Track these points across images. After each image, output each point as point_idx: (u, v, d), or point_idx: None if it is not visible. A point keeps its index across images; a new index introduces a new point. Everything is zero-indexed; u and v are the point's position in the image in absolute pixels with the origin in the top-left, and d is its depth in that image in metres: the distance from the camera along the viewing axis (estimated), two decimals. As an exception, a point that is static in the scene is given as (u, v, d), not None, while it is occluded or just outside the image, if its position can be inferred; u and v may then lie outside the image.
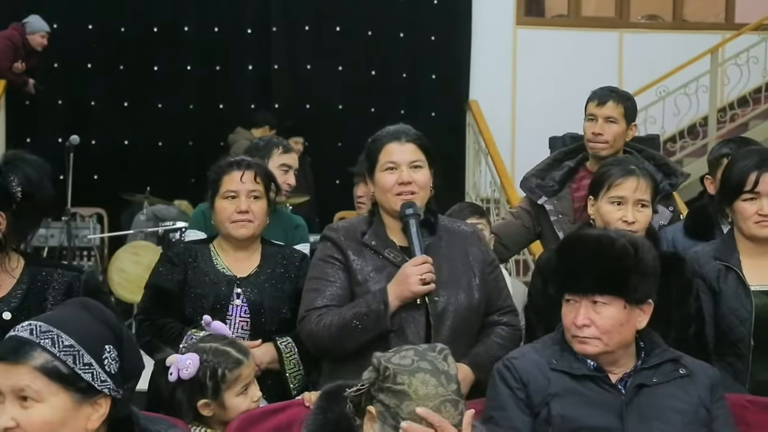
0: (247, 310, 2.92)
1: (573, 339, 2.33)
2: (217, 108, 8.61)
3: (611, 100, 3.59)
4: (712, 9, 9.84)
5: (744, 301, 2.76)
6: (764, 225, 2.78)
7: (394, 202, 2.67)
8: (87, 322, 1.74)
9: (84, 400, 1.70)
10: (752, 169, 2.79)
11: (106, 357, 1.72)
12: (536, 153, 5.92)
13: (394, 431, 1.87)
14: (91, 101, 8.58)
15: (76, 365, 1.68)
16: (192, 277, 2.94)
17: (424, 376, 1.90)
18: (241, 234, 2.96)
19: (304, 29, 8.81)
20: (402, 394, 1.87)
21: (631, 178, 2.84)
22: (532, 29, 9.20)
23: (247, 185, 2.96)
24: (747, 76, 8.53)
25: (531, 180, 3.67)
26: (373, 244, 2.69)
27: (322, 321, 2.60)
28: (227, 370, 2.42)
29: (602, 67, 8.76)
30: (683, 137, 8.59)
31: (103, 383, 1.70)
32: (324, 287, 2.66)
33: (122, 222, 7.79)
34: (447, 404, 1.89)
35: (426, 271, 2.58)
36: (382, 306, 2.57)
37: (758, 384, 2.74)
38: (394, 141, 2.71)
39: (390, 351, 1.97)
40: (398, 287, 2.58)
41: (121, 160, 8.45)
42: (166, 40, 8.60)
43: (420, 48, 8.90)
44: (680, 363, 2.36)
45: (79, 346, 1.69)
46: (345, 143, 8.29)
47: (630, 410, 2.27)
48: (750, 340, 2.74)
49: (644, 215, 2.84)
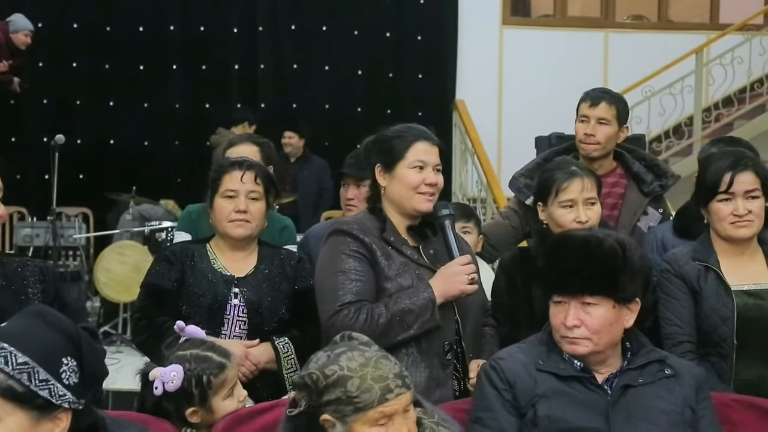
0: (245, 309, 2.91)
1: (562, 340, 2.33)
2: (203, 107, 8.59)
3: (604, 101, 3.59)
4: (697, 9, 9.89)
5: (725, 301, 2.78)
6: (740, 225, 2.80)
7: (417, 201, 2.69)
8: (42, 333, 1.70)
9: (43, 417, 1.66)
10: (726, 169, 2.81)
11: (64, 370, 1.68)
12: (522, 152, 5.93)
13: (356, 413, 1.88)
14: (76, 100, 8.55)
15: (32, 383, 1.64)
16: (189, 276, 2.93)
17: (346, 355, 1.93)
18: (238, 234, 2.96)
19: (290, 29, 8.81)
20: (340, 380, 1.89)
21: (576, 179, 2.91)
22: (519, 29, 9.23)
23: (247, 185, 2.96)
24: (732, 76, 8.57)
25: (519, 180, 3.68)
26: (392, 240, 2.69)
27: (361, 315, 2.56)
28: (212, 376, 2.39)
29: (588, 66, 8.80)
30: (669, 137, 8.63)
31: (61, 397, 1.67)
32: (351, 281, 2.62)
33: (108, 221, 7.77)
34: (381, 360, 1.94)
35: (473, 271, 2.62)
36: (430, 302, 2.58)
37: (742, 383, 2.76)
38: (424, 141, 2.72)
39: (305, 366, 1.97)
40: (445, 285, 2.60)
41: (106, 160, 8.43)
42: (151, 40, 8.58)
43: (406, 48, 8.91)
44: (666, 363, 2.38)
45: (34, 362, 1.65)
46: (331, 143, 8.29)
47: (616, 410, 2.28)
48: (733, 339, 2.76)
49: (594, 212, 2.91)
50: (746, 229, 2.80)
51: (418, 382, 2.57)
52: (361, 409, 1.88)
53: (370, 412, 1.88)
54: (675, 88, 8.53)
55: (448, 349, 2.65)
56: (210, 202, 3.01)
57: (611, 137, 3.57)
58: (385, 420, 1.90)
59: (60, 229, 7.26)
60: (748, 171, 2.80)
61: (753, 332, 2.76)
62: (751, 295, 2.80)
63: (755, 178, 2.80)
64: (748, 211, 2.78)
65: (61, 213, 7.62)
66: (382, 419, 1.90)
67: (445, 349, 2.65)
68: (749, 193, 2.79)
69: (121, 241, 7.00)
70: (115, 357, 6.04)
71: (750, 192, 2.79)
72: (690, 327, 2.82)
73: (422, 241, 2.75)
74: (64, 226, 7.61)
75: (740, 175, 2.79)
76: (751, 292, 2.80)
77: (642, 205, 3.49)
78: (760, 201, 2.80)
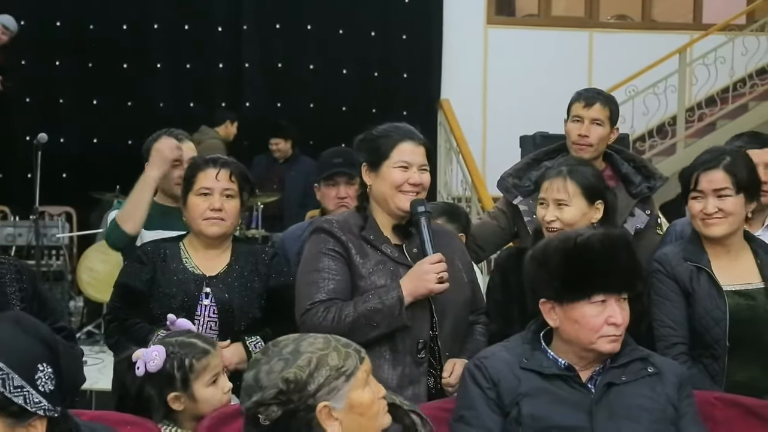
0: (216, 309, 2.90)
1: (603, 339, 2.31)
2: (188, 106, 8.56)
3: (599, 102, 3.56)
4: (681, 9, 9.93)
5: (718, 302, 2.78)
6: (708, 223, 2.80)
7: (399, 200, 2.69)
8: (18, 340, 1.69)
9: (17, 424, 1.65)
10: (697, 167, 2.83)
11: (40, 377, 1.67)
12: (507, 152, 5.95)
13: (348, 381, 1.92)
14: (59, 99, 8.50)
15: (6, 389, 1.63)
16: (160, 276, 2.92)
17: (303, 345, 1.95)
18: (212, 232, 2.95)
19: (275, 27, 8.79)
20: (320, 361, 1.91)
21: (548, 179, 2.93)
22: (503, 28, 9.24)
23: (221, 183, 2.96)
24: (714, 76, 8.61)
25: (508, 180, 3.67)
26: (371, 238, 2.70)
27: (329, 315, 2.59)
28: (195, 360, 2.40)
29: (572, 66, 8.84)
30: (652, 136, 8.67)
31: (36, 404, 1.66)
32: (324, 280, 2.65)
33: (92, 221, 7.73)
34: (333, 334, 2.04)
35: (443, 269, 2.61)
36: (398, 301, 2.58)
37: (734, 384, 2.76)
38: (409, 141, 2.73)
39: (253, 379, 1.95)
40: (414, 284, 2.60)
41: (90, 159, 8.38)
42: (135, 38, 8.54)
43: (391, 47, 8.90)
44: (649, 361, 2.39)
45: (9, 368, 1.64)
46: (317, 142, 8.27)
47: (599, 408, 2.29)
48: (726, 340, 2.76)
49: (564, 213, 2.88)
50: (715, 227, 2.80)
51: (390, 379, 2.59)
52: (351, 374, 1.93)
53: (358, 373, 1.94)
54: (658, 87, 8.57)
55: (422, 347, 2.65)
56: (183, 200, 3.00)
57: (604, 138, 3.55)
58: (369, 379, 1.98)
59: (43, 229, 7.21)
60: (717, 170, 2.79)
61: (745, 333, 2.76)
62: (742, 295, 2.79)
63: (726, 176, 2.78)
64: (718, 209, 2.78)
65: (43, 212, 7.56)
66: (368, 378, 1.98)
67: (419, 347, 2.65)
68: (718, 192, 2.78)
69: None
70: (99, 357, 6.02)
71: (719, 191, 2.78)
72: (683, 329, 2.81)
73: (406, 240, 2.75)
74: (47, 225, 7.56)
75: (708, 173, 2.80)
76: (742, 293, 2.80)
77: (629, 207, 3.47)
78: (732, 199, 2.78)
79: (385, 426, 2.04)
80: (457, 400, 2.44)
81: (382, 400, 2.02)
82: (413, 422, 2.12)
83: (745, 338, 2.77)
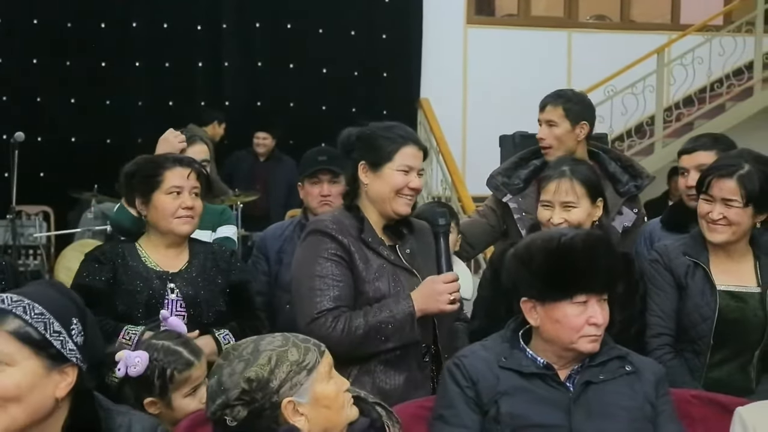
0: (183, 303, 2.90)
1: (583, 339, 2.32)
2: (167, 105, 8.51)
3: (549, 104, 3.62)
4: (659, 10, 10.00)
5: (709, 300, 2.80)
6: (712, 228, 2.83)
7: (397, 203, 2.70)
8: (55, 297, 1.82)
9: (53, 367, 1.76)
10: (713, 171, 2.83)
11: (74, 328, 1.80)
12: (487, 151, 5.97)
13: (310, 374, 1.94)
14: (36, 97, 8.42)
15: (47, 332, 1.75)
16: (122, 275, 2.90)
17: (262, 343, 1.98)
18: (185, 230, 2.95)
19: (255, 26, 8.76)
20: (280, 358, 1.94)
21: (554, 181, 2.93)
22: (483, 28, 9.27)
23: (191, 182, 2.96)
24: (692, 76, 8.68)
25: (497, 178, 3.69)
26: (370, 241, 2.68)
27: (338, 325, 2.56)
28: (176, 371, 2.40)
29: (551, 66, 8.87)
30: (631, 136, 8.72)
31: (71, 352, 1.77)
32: (329, 286, 2.61)
33: (69, 220, 7.68)
34: (291, 331, 2.07)
35: (456, 289, 2.61)
36: (409, 317, 2.57)
37: (712, 381, 2.79)
38: (413, 145, 2.73)
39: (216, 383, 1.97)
40: (426, 300, 2.60)
41: (68, 158, 8.32)
42: (114, 36, 8.48)
43: (371, 46, 8.90)
44: (627, 360, 2.40)
45: (49, 314, 1.76)
46: (297, 141, 8.26)
47: (577, 407, 2.30)
48: (710, 338, 2.79)
49: (572, 215, 2.89)
50: (717, 234, 2.82)
51: (396, 385, 2.59)
52: (312, 368, 1.96)
53: (320, 367, 1.98)
54: (637, 87, 8.62)
55: (426, 352, 2.67)
56: (144, 199, 2.97)
57: (564, 137, 3.58)
58: (331, 372, 2.01)
59: (20, 228, 7.16)
60: (729, 179, 2.78)
61: (730, 334, 2.79)
62: (734, 296, 2.82)
63: (737, 187, 2.77)
64: (723, 217, 2.79)
65: (21, 211, 7.51)
66: (330, 371, 2.01)
67: (423, 352, 2.67)
68: (727, 201, 2.79)
69: (83, 239, 6.92)
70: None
71: (729, 200, 2.79)
72: (671, 321, 2.85)
73: (398, 240, 2.74)
74: (24, 224, 7.51)
75: (720, 181, 2.80)
76: (735, 294, 2.82)
77: (617, 205, 3.50)
78: (739, 210, 2.78)
79: (353, 418, 2.05)
80: (436, 399, 2.44)
81: (347, 393, 2.04)
82: (379, 415, 2.13)
83: (730, 338, 2.80)
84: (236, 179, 7.68)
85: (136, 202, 2.99)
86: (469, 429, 2.32)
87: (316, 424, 1.96)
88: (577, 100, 3.65)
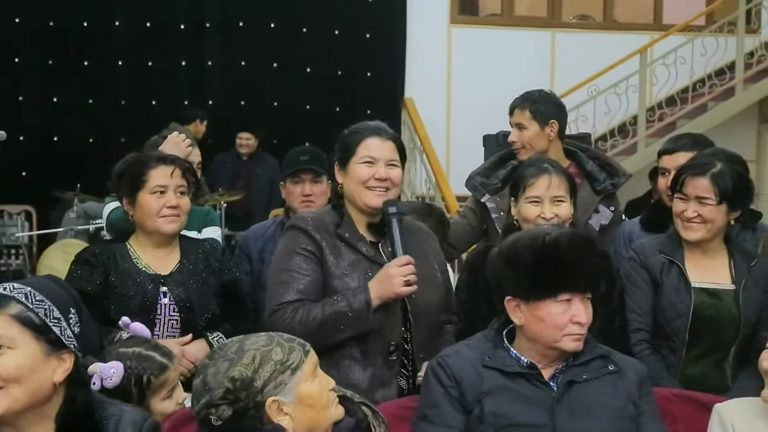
0: (176, 308, 2.89)
1: (567, 337, 2.32)
2: (150, 104, 8.48)
3: (516, 107, 3.67)
4: (641, 10, 10.04)
5: (684, 296, 2.84)
6: (687, 227, 2.87)
7: (365, 196, 2.68)
8: (54, 288, 1.92)
9: (52, 352, 1.84)
10: (687, 170, 2.87)
11: (72, 317, 1.89)
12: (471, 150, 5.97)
13: (294, 374, 1.95)
14: (19, 96, 8.37)
15: (47, 318, 1.84)
16: (115, 278, 2.88)
17: (247, 343, 1.99)
18: (170, 229, 2.94)
19: (239, 26, 8.74)
20: (264, 357, 1.95)
21: (544, 176, 2.94)
22: (466, 28, 9.27)
23: (175, 180, 2.95)
24: (675, 76, 8.72)
25: (476, 178, 3.71)
26: (346, 236, 2.68)
27: (297, 316, 2.56)
28: (153, 377, 2.37)
29: (535, 65, 8.88)
30: (614, 136, 8.76)
31: (69, 339, 1.86)
32: (295, 280, 2.62)
33: (52, 219, 7.64)
34: (276, 331, 2.09)
35: (410, 272, 2.58)
36: (365, 305, 2.56)
37: (687, 377, 2.83)
38: (375, 136, 2.72)
39: (201, 383, 1.98)
40: (381, 286, 2.57)
41: (50, 157, 8.27)
42: (96, 35, 8.43)
43: (355, 46, 8.89)
44: (609, 359, 2.41)
45: (49, 302, 1.86)
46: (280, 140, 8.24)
47: (560, 406, 2.31)
48: (685, 334, 2.82)
49: (562, 210, 2.92)
50: (692, 231, 2.86)
51: (361, 381, 2.58)
52: (297, 367, 1.97)
53: (304, 366, 1.99)
54: (620, 87, 8.65)
55: (394, 349, 2.64)
56: (130, 199, 2.96)
57: (533, 138, 3.60)
58: (316, 371, 2.02)
59: (2, 228, 7.14)
60: (702, 177, 2.83)
61: (705, 330, 2.82)
62: (709, 293, 2.85)
63: (710, 185, 2.82)
64: (697, 215, 2.83)
65: (2, 211, 7.49)
66: (315, 370, 2.02)
67: (390, 349, 2.64)
68: (701, 199, 2.83)
69: (65, 239, 6.89)
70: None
71: (702, 198, 2.83)
72: (648, 317, 2.89)
73: (383, 238, 2.73)
74: (6, 224, 7.47)
75: (694, 179, 2.84)
76: (710, 291, 2.86)
77: (593, 203, 3.52)
78: (713, 208, 2.82)
79: (338, 418, 2.06)
80: (420, 399, 2.44)
81: (332, 392, 2.04)
82: (365, 414, 2.13)
83: (705, 335, 2.83)
84: (219, 179, 7.67)
85: (124, 201, 2.98)
86: (453, 429, 2.32)
87: (301, 424, 1.97)
88: (543, 101, 3.66)
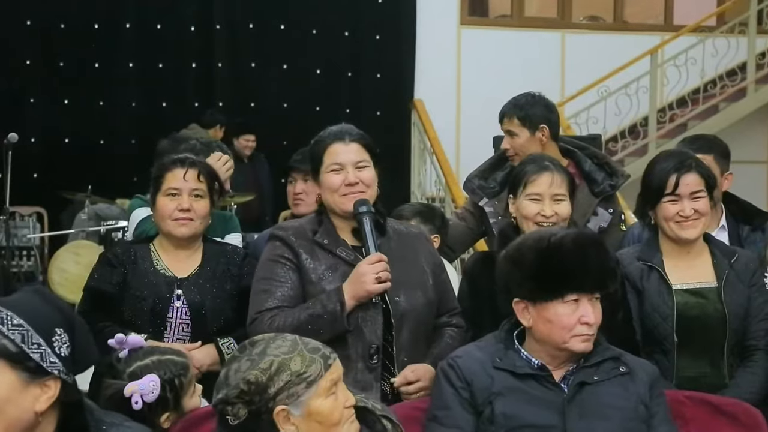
0: (188, 311, 2.88)
1: (575, 338, 2.31)
2: (160, 106, 8.50)
3: (505, 116, 3.64)
4: (652, 11, 10.01)
5: (666, 299, 2.83)
6: (685, 226, 2.85)
7: (341, 203, 2.65)
8: (38, 305, 1.77)
9: (32, 380, 1.71)
10: (672, 171, 2.86)
11: (57, 340, 1.73)
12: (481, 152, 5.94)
13: (309, 388, 1.93)
14: (30, 98, 8.40)
15: (25, 344, 1.70)
16: (131, 279, 2.89)
17: (271, 346, 1.97)
18: (181, 232, 2.93)
19: (248, 27, 8.75)
20: (282, 365, 1.93)
21: (545, 173, 2.91)
22: (476, 29, 9.27)
23: (189, 183, 2.93)
24: (686, 77, 8.70)
25: (473, 181, 3.68)
26: (324, 242, 2.66)
27: (275, 323, 2.55)
28: (182, 377, 2.38)
29: (545, 66, 8.87)
30: (624, 137, 8.74)
31: (52, 364, 1.72)
32: (274, 288, 2.62)
33: (63, 221, 7.66)
34: (304, 338, 2.05)
35: (381, 269, 2.55)
36: (338, 306, 2.53)
37: (684, 380, 2.81)
38: (338, 141, 2.69)
39: (224, 375, 1.98)
40: (353, 286, 2.55)
41: (61, 159, 8.30)
42: (106, 37, 8.46)
43: (365, 47, 8.90)
44: (621, 361, 2.40)
45: (29, 326, 1.71)
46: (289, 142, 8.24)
47: (571, 408, 2.30)
48: (673, 336, 2.82)
49: (562, 208, 2.90)
50: (692, 230, 2.85)
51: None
52: (313, 381, 1.94)
53: (322, 381, 1.95)
54: (630, 88, 8.64)
55: (374, 352, 2.59)
56: (152, 201, 2.98)
57: (525, 144, 3.56)
58: (334, 387, 1.97)
59: (13, 229, 7.15)
60: (692, 172, 2.85)
61: (694, 330, 2.81)
62: (693, 293, 2.85)
63: (699, 178, 2.85)
64: (694, 211, 2.83)
65: (14, 212, 7.49)
66: (332, 387, 1.97)
67: (371, 352, 2.59)
68: (694, 194, 2.84)
69: (77, 240, 6.91)
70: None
71: (695, 193, 2.84)
72: (636, 325, 2.86)
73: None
74: (18, 225, 7.50)
75: (685, 176, 2.85)
76: (694, 291, 2.86)
77: (592, 206, 3.48)
78: (705, 200, 2.85)
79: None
80: (431, 400, 2.44)
81: (349, 409, 2.01)
82: (384, 428, 2.11)
83: (694, 335, 2.82)
84: (229, 182, 7.72)
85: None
86: (464, 430, 2.32)
87: None
88: (531, 105, 3.63)
